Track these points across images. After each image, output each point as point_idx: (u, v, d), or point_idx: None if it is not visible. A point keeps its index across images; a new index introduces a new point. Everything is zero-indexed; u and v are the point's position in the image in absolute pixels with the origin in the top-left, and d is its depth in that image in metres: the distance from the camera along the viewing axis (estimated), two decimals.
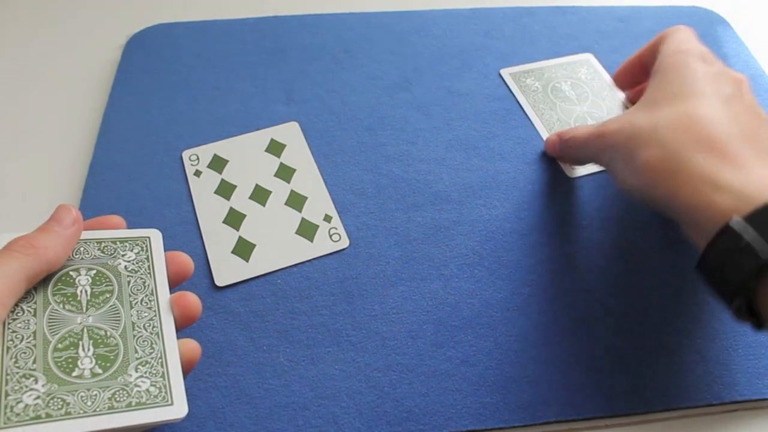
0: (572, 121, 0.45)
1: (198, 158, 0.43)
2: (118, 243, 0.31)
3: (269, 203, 0.41)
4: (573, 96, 0.47)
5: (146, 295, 0.30)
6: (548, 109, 0.46)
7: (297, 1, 0.54)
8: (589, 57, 0.50)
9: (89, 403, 0.26)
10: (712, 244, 0.29)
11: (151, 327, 0.29)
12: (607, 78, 0.48)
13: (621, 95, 0.47)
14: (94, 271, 0.30)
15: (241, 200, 0.41)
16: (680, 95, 0.34)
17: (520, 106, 0.47)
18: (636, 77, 0.44)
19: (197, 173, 0.43)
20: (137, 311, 0.29)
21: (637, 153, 0.33)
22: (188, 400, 0.28)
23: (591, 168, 0.43)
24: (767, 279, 0.27)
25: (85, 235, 0.31)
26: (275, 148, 0.44)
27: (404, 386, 0.34)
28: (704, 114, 0.32)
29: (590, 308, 0.37)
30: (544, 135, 0.45)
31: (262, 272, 0.38)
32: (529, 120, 0.46)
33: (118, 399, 0.26)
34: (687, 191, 0.30)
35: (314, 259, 0.39)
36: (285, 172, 0.43)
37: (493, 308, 0.37)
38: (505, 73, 0.49)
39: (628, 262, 0.39)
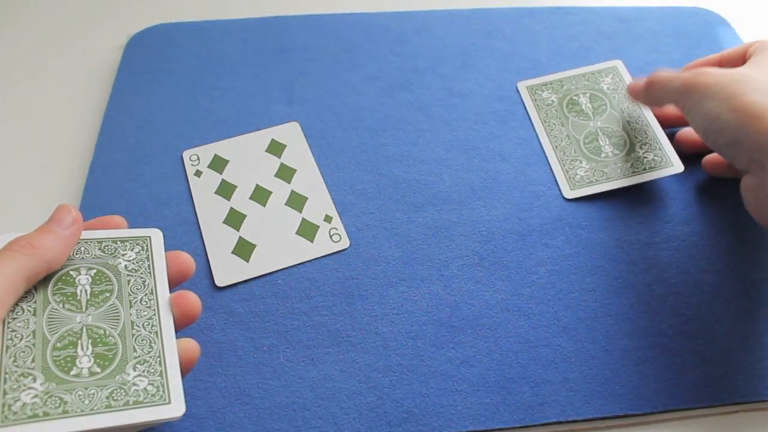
0: (581, 138, 0.44)
1: (198, 158, 0.43)
2: (118, 242, 0.31)
3: (270, 203, 0.41)
4: (589, 110, 0.46)
5: (146, 295, 0.30)
6: (559, 124, 0.45)
7: (298, 1, 0.54)
8: (616, 64, 0.48)
9: (87, 402, 0.26)
10: None
11: (150, 326, 0.29)
12: None
13: (644, 110, 0.45)
14: (95, 271, 0.30)
15: (241, 200, 0.41)
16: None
17: (530, 120, 0.46)
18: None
19: (198, 173, 0.43)
20: (137, 310, 0.29)
21: (746, 92, 0.34)
22: (188, 400, 0.28)
23: (589, 189, 0.42)
24: None
25: (86, 234, 0.31)
26: (276, 148, 0.44)
27: (404, 387, 0.34)
28: None
29: (590, 309, 0.37)
30: (550, 153, 0.44)
31: (263, 272, 0.38)
32: (536, 133, 0.45)
33: (115, 398, 0.26)
34: None
35: (314, 259, 0.39)
36: (285, 173, 0.43)
37: (493, 309, 0.37)
38: (522, 86, 0.48)
39: (628, 263, 0.39)
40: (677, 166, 0.42)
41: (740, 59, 0.40)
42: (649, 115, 0.44)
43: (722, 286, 0.38)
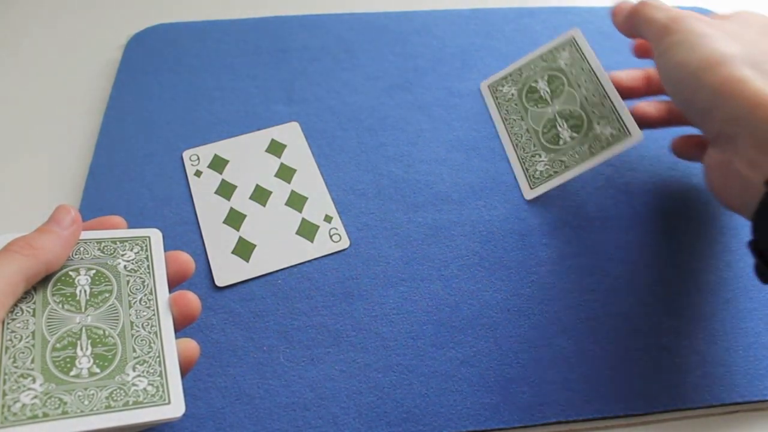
0: (540, 128, 0.43)
1: (198, 158, 0.43)
2: (117, 243, 0.31)
3: (270, 203, 0.41)
4: (547, 94, 0.43)
5: (145, 295, 0.30)
6: (519, 119, 0.44)
7: (297, 1, 0.54)
8: (573, 34, 0.44)
9: (86, 403, 0.26)
10: None
11: (149, 326, 0.29)
12: (594, 61, 0.42)
13: (606, 82, 0.41)
14: (94, 271, 0.30)
15: (241, 200, 0.41)
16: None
17: (494, 124, 0.45)
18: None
19: (198, 173, 0.43)
20: (136, 311, 0.29)
21: (717, 42, 0.31)
22: (188, 400, 0.28)
23: (548, 185, 0.41)
24: None
25: (85, 235, 0.31)
26: (276, 148, 0.44)
27: (404, 387, 0.34)
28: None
29: (590, 309, 0.37)
30: (511, 154, 0.43)
31: (263, 272, 0.38)
32: (499, 139, 0.44)
33: (115, 398, 0.26)
34: (763, 99, 0.29)
35: (314, 259, 0.39)
36: (285, 173, 0.43)
37: (493, 309, 0.37)
38: (484, 86, 0.47)
39: (627, 263, 0.39)
40: (635, 135, 0.38)
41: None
42: (606, 84, 0.41)
43: (722, 285, 0.38)
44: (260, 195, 0.42)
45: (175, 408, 0.27)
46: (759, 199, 0.29)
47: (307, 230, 0.40)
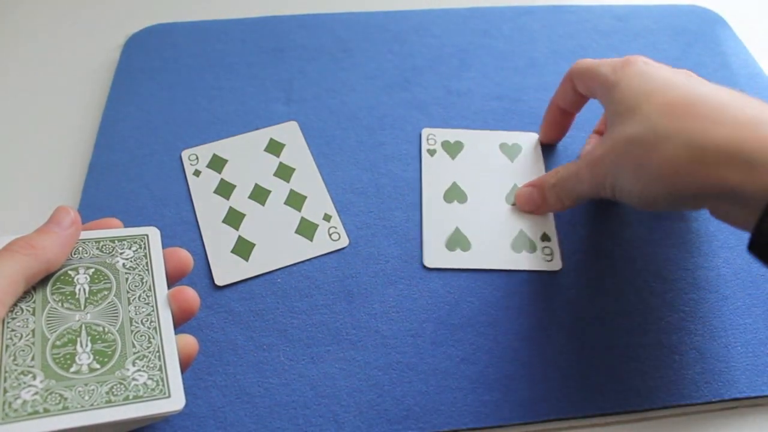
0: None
1: (197, 158, 0.43)
2: (116, 242, 0.31)
3: (269, 203, 0.41)
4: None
5: (144, 291, 0.30)
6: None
7: (296, 1, 0.54)
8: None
9: (87, 398, 0.26)
10: None
11: (148, 322, 0.29)
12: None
13: None
14: (93, 270, 0.30)
15: (240, 200, 0.41)
16: (647, 94, 0.33)
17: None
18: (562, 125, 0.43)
19: (196, 173, 0.43)
20: (135, 307, 0.29)
21: (648, 157, 0.31)
22: (188, 398, 0.28)
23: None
24: None
25: (84, 235, 0.31)
26: (274, 147, 0.44)
27: (404, 384, 0.34)
28: (685, 93, 0.31)
29: (590, 306, 0.37)
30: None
31: (262, 271, 0.38)
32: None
33: (115, 393, 0.26)
34: (721, 172, 0.28)
35: (314, 258, 0.39)
36: (284, 172, 0.43)
37: (493, 307, 0.37)
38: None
39: (626, 260, 0.39)
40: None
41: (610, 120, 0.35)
42: None
43: (720, 282, 0.38)
44: (259, 194, 0.42)
45: (175, 401, 0.27)
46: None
47: (307, 229, 0.40)
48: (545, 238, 0.39)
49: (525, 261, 0.39)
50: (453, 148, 0.44)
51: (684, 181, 0.30)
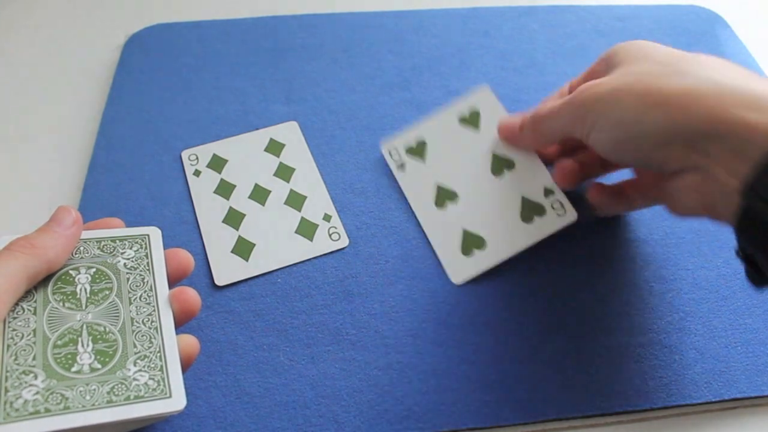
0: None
1: (197, 158, 0.43)
2: (117, 241, 0.31)
3: (269, 203, 0.41)
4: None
5: (145, 292, 0.30)
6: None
7: (296, 1, 0.54)
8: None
9: (88, 398, 0.26)
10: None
11: (149, 322, 0.29)
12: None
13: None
14: (94, 270, 0.30)
15: (240, 200, 0.41)
16: (655, 47, 0.32)
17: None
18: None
19: (197, 173, 0.43)
20: (136, 307, 0.29)
21: (661, 83, 0.29)
22: (188, 399, 0.28)
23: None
24: None
25: (85, 234, 0.31)
26: (274, 147, 0.44)
27: (404, 385, 0.34)
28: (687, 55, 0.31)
29: (590, 307, 0.37)
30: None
31: (262, 271, 0.38)
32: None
33: (116, 393, 0.26)
34: (739, 111, 0.27)
35: (314, 258, 0.39)
36: (284, 172, 0.43)
37: (493, 307, 0.37)
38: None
39: (626, 260, 0.39)
40: None
41: (604, 71, 0.34)
42: None
43: (720, 282, 0.38)
44: (259, 194, 0.42)
45: (176, 401, 0.27)
46: (739, 207, 0.28)
47: (307, 229, 0.40)
48: (549, 192, 0.38)
49: (540, 227, 0.38)
50: (419, 151, 0.42)
51: (693, 113, 0.28)
